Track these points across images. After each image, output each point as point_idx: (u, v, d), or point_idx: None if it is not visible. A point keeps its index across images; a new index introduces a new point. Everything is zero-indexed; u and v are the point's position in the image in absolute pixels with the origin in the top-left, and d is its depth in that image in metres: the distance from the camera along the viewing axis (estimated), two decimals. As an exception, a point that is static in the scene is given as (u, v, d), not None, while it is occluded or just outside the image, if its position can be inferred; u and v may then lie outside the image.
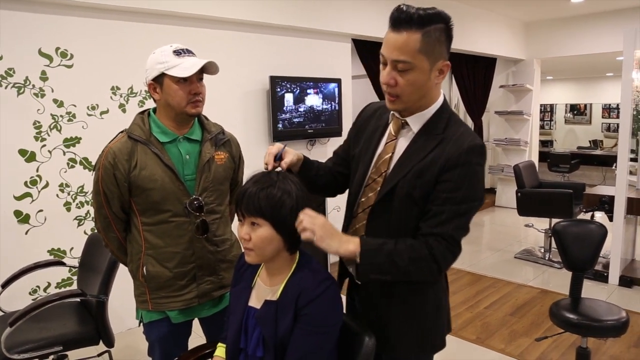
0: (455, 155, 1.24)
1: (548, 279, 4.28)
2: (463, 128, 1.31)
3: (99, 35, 3.07)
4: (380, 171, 1.37)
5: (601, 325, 2.22)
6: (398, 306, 1.38)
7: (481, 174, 1.27)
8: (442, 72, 1.27)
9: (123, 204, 1.65)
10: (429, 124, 1.32)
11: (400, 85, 1.24)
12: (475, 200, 1.26)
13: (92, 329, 2.25)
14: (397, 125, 1.37)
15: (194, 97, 1.60)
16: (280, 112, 4.11)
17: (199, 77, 1.62)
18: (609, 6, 5.82)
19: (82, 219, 3.11)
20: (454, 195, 1.23)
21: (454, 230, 1.24)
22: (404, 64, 1.21)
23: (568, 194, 4.30)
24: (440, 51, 1.24)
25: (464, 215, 1.25)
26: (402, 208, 1.30)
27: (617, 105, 12.09)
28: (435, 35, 1.21)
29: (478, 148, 1.26)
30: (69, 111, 2.99)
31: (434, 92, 1.32)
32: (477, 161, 1.25)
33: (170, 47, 1.60)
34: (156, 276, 1.66)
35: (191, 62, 1.57)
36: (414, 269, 1.24)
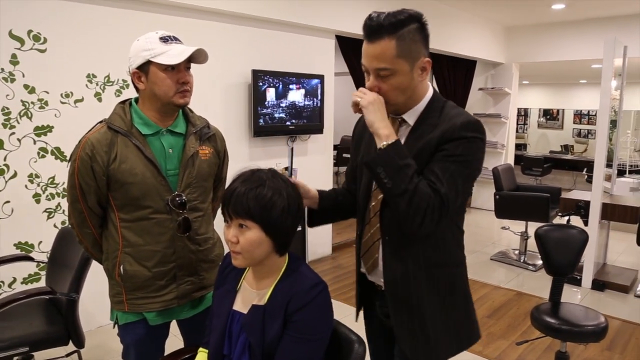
0: (449, 131, 1.25)
1: (523, 282, 4.33)
2: (457, 110, 1.33)
3: (75, 20, 2.92)
4: None
5: (581, 331, 2.23)
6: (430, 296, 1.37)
7: (478, 145, 1.27)
8: (424, 70, 1.29)
9: (100, 198, 1.55)
10: (424, 115, 1.34)
11: (385, 91, 1.28)
12: (470, 166, 1.26)
13: (61, 328, 2.14)
14: (395, 124, 1.37)
15: (182, 87, 1.52)
16: (262, 107, 4.02)
17: (187, 66, 1.54)
18: (588, 14, 5.93)
19: (53, 212, 2.97)
20: (448, 157, 1.24)
21: (448, 188, 1.21)
22: (385, 70, 1.25)
23: (545, 198, 4.35)
24: (418, 50, 1.26)
25: (455, 175, 1.23)
26: None
27: (588, 112, 12.41)
28: (409, 37, 1.23)
29: (472, 124, 1.26)
30: (41, 98, 2.84)
31: (420, 90, 1.34)
32: (472, 135, 1.25)
33: (155, 34, 1.51)
34: (134, 276, 1.57)
35: (179, 50, 1.49)
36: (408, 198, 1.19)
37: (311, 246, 4.72)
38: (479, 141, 1.27)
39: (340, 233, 5.46)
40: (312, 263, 4.72)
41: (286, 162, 4.39)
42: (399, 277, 1.37)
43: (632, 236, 4.47)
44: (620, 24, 5.85)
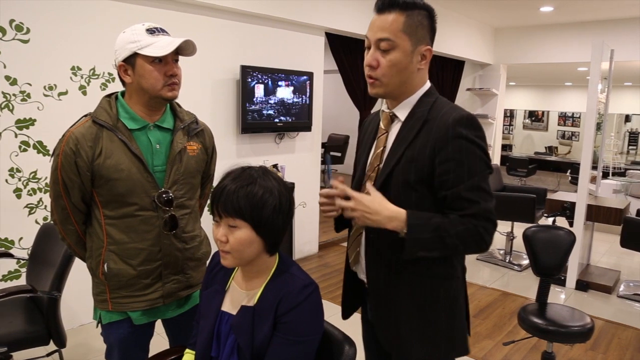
0: (442, 132, 1.21)
1: (508, 282, 4.36)
2: (448, 106, 1.28)
3: (60, 10, 2.85)
4: (374, 166, 1.35)
5: (568, 331, 2.24)
6: (408, 300, 1.33)
7: (479, 143, 1.22)
8: (424, 58, 1.28)
9: (84, 194, 1.51)
10: (414, 109, 1.31)
11: (382, 67, 1.25)
12: (484, 170, 1.22)
13: (42, 328, 2.09)
14: (387, 119, 1.36)
15: (170, 79, 1.48)
16: (250, 103, 3.98)
17: (175, 58, 1.50)
18: (576, 18, 5.98)
19: (34, 207, 2.89)
20: (460, 172, 1.20)
21: (484, 204, 1.20)
22: (386, 42, 1.23)
23: (531, 199, 4.39)
24: (423, 35, 1.26)
25: (481, 186, 1.21)
26: (399, 196, 1.26)
27: (572, 114, 12.58)
28: (418, 19, 1.24)
29: (465, 119, 1.22)
30: (23, 90, 2.77)
31: (417, 79, 1.31)
32: (467, 132, 1.21)
33: (142, 26, 1.47)
34: (118, 274, 1.53)
35: (167, 41, 1.45)
36: (461, 243, 1.20)
37: (298, 245, 4.70)
38: (477, 139, 1.22)
39: (327, 232, 5.44)
40: (299, 261, 4.69)
41: (274, 159, 4.35)
42: (381, 278, 1.36)
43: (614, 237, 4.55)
44: (607, 28, 5.92)
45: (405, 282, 1.32)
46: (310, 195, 4.82)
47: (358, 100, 5.64)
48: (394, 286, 1.34)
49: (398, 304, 1.35)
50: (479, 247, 1.21)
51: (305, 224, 4.79)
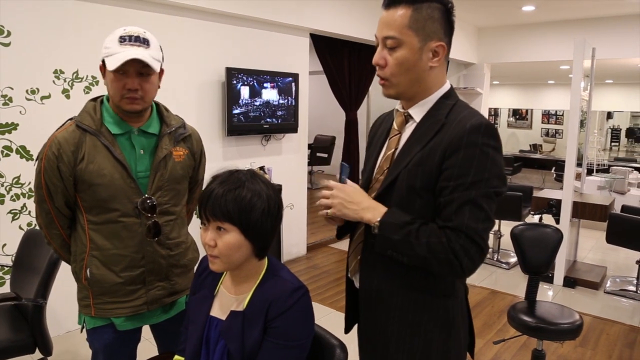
0: (457, 138, 1.11)
1: (497, 280, 4.39)
2: (467, 111, 1.18)
3: (41, 13, 2.80)
4: (383, 169, 1.26)
5: (557, 329, 2.26)
6: (398, 316, 1.24)
7: (494, 156, 1.10)
8: (436, 54, 1.18)
9: (67, 199, 1.50)
10: (431, 111, 1.21)
11: (389, 66, 1.18)
12: (489, 186, 1.09)
13: (27, 336, 2.05)
14: (401, 119, 1.27)
15: (127, 93, 1.43)
16: (236, 105, 3.96)
17: (143, 71, 1.43)
18: (558, 16, 6.05)
19: (18, 213, 2.84)
20: (462, 181, 1.09)
21: (472, 221, 1.08)
22: (392, 40, 1.16)
23: (518, 197, 4.43)
24: (434, 29, 1.16)
25: (478, 203, 1.08)
26: (402, 201, 1.18)
27: (555, 112, 12.74)
28: (427, 12, 1.15)
29: (484, 127, 1.11)
30: (5, 94, 2.71)
31: (432, 78, 1.21)
32: (483, 142, 1.10)
33: (120, 31, 1.43)
34: (101, 280, 1.51)
35: (126, 55, 1.39)
36: (430, 256, 1.10)
37: (286, 247, 4.68)
38: (492, 150, 1.10)
39: (315, 233, 5.43)
40: (287, 263, 4.68)
41: (260, 161, 4.33)
42: (374, 288, 1.28)
43: (600, 233, 4.61)
44: (588, 26, 6.00)
45: (399, 295, 1.23)
46: (298, 197, 4.81)
47: (344, 101, 5.65)
48: (387, 297, 1.25)
49: (389, 320, 1.25)
50: (451, 266, 1.09)
51: (293, 225, 4.78)
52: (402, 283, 1.23)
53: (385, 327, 1.27)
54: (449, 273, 1.14)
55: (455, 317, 1.26)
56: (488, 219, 1.11)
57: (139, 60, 1.39)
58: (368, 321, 1.33)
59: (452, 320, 1.25)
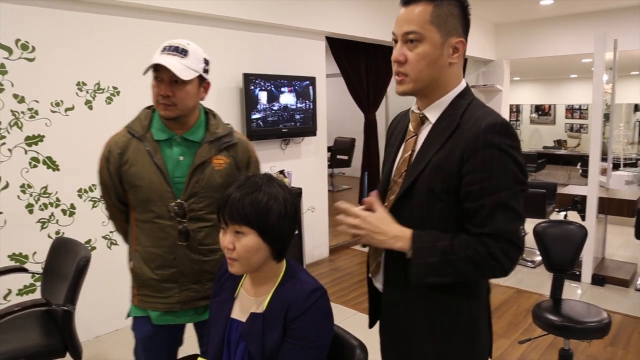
0: (472, 139, 1.10)
1: (522, 279, 4.32)
2: (482, 110, 1.16)
3: (63, 27, 2.89)
4: (401, 171, 1.25)
5: (584, 327, 2.22)
6: (422, 317, 1.24)
7: (513, 154, 1.10)
8: (456, 50, 1.17)
9: (119, 196, 1.63)
10: (446, 112, 1.20)
11: (410, 61, 1.16)
12: (515, 185, 1.10)
13: (58, 340, 2.11)
14: (416, 120, 1.26)
15: (161, 99, 1.51)
16: (254, 110, 4.00)
17: (174, 79, 1.48)
18: (577, 9, 5.94)
19: (46, 222, 2.93)
20: (487, 185, 1.09)
21: (506, 224, 1.08)
22: (413, 34, 1.15)
23: (541, 194, 4.35)
24: (454, 25, 1.16)
25: (508, 204, 1.09)
26: (422, 205, 1.18)
27: (579, 106, 12.48)
28: (448, 8, 1.15)
29: (499, 126, 1.10)
30: (31, 107, 2.81)
31: (450, 76, 1.20)
32: (500, 141, 1.09)
33: (167, 42, 1.52)
34: (140, 273, 1.63)
35: (154, 60, 1.47)
36: (473, 268, 1.10)
37: (308, 249, 4.70)
38: (510, 149, 1.10)
39: (337, 235, 5.44)
40: (310, 266, 4.69)
41: (280, 165, 4.36)
42: (397, 291, 1.27)
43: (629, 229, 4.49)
44: (609, 17, 5.87)
45: (422, 297, 1.23)
46: (319, 200, 4.83)
47: (362, 102, 5.65)
48: (410, 300, 1.25)
49: (412, 322, 1.25)
50: (493, 271, 1.11)
51: (315, 228, 4.79)
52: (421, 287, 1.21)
53: (408, 328, 1.27)
54: (491, 277, 1.16)
55: (479, 319, 1.26)
56: (519, 217, 1.12)
57: (167, 68, 1.45)
58: (391, 322, 1.33)
59: (475, 322, 1.25)
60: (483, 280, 1.27)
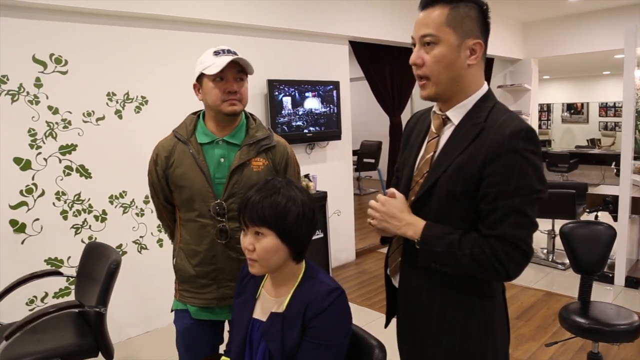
0: (497, 144, 1.11)
1: (552, 281, 4.23)
2: (507, 115, 1.17)
3: (93, 41, 3.01)
4: (422, 172, 1.27)
5: (613, 330, 2.16)
6: (437, 315, 1.26)
7: (534, 161, 1.11)
8: (474, 52, 1.19)
9: (166, 196, 1.73)
10: (469, 114, 1.21)
11: (427, 64, 1.19)
12: (532, 193, 1.11)
13: (91, 340, 2.19)
14: (438, 121, 1.27)
15: (228, 96, 1.60)
16: (279, 115, 4.06)
17: (238, 76, 1.63)
18: (605, 4, 5.80)
19: (80, 227, 3.04)
20: (505, 188, 1.10)
21: (516, 229, 1.10)
22: (429, 37, 1.17)
23: (570, 195, 4.26)
24: (471, 27, 1.18)
25: (521, 210, 1.10)
26: (441, 206, 1.20)
27: (614, 104, 12.11)
28: (464, 11, 1.17)
29: (524, 132, 1.11)
30: (64, 118, 2.93)
31: (470, 78, 1.21)
32: (524, 147, 1.10)
33: (212, 49, 1.63)
34: (182, 269, 1.71)
35: (223, 60, 1.57)
36: (475, 266, 1.13)
37: (334, 252, 4.71)
38: (532, 155, 1.11)
39: (364, 239, 5.45)
40: (336, 269, 4.71)
41: (305, 169, 4.40)
42: (413, 287, 1.30)
43: (665, 230, 4.34)
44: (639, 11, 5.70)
45: (438, 294, 1.25)
46: (344, 203, 4.84)
47: (387, 106, 5.65)
48: (426, 297, 1.27)
49: (427, 319, 1.27)
50: (497, 273, 1.12)
51: (341, 231, 4.81)
52: (441, 283, 1.24)
53: (424, 325, 1.29)
54: (494, 279, 1.17)
55: (493, 319, 1.26)
56: (532, 224, 1.13)
57: (236, 63, 1.59)
58: (406, 319, 1.35)
59: (489, 321, 1.25)
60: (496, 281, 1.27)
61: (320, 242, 4.17)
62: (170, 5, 3.20)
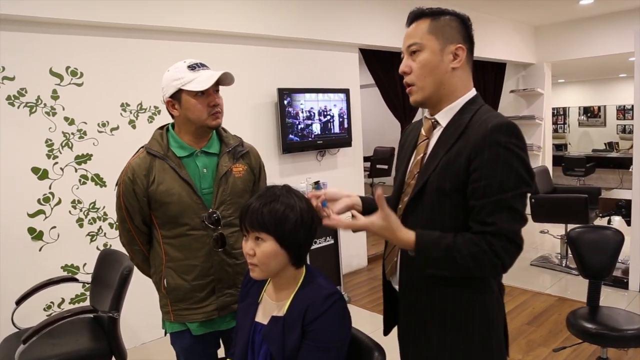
0: (480, 139, 1.16)
1: (566, 286, 4.19)
2: (490, 113, 1.23)
3: (107, 53, 3.11)
4: (414, 173, 1.33)
5: (621, 335, 2.15)
6: (439, 314, 1.29)
7: (519, 154, 1.15)
8: (457, 56, 1.26)
9: (144, 217, 1.68)
10: (456, 116, 1.27)
11: (414, 70, 1.27)
12: (519, 186, 1.14)
13: (105, 345, 2.26)
14: (428, 125, 1.34)
15: (213, 109, 1.63)
16: (289, 123, 4.11)
17: (216, 89, 1.65)
18: (618, 7, 5.76)
19: (95, 235, 3.13)
20: (491, 182, 1.14)
21: (509, 224, 1.14)
22: (415, 45, 1.27)
23: (583, 199, 4.22)
24: (452, 34, 1.26)
25: (511, 205, 1.14)
26: (433, 203, 1.24)
27: (632, 107, 11.92)
28: (445, 21, 1.27)
29: (505, 126, 1.15)
30: (80, 128, 3.03)
31: (456, 81, 1.28)
32: (506, 140, 1.14)
33: (184, 63, 1.63)
34: (176, 288, 1.68)
35: (207, 75, 1.60)
36: (474, 265, 1.16)
37: (346, 258, 4.74)
38: (516, 149, 1.15)
39: (376, 244, 5.46)
40: (348, 275, 4.73)
41: (316, 176, 4.45)
42: (413, 287, 1.33)
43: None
44: (654, 14, 5.65)
45: (438, 295, 1.28)
46: (355, 209, 4.85)
47: (398, 112, 5.66)
48: (426, 296, 1.30)
49: (430, 318, 1.30)
50: (494, 268, 1.16)
51: (353, 238, 4.83)
52: (439, 281, 1.27)
53: (426, 325, 1.31)
54: (490, 273, 1.20)
55: (494, 313, 1.30)
56: (522, 218, 1.17)
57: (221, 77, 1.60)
58: (409, 320, 1.37)
59: (491, 316, 1.29)
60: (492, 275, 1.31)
61: (331, 249, 4.20)
62: (182, 17, 3.29)
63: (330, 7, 4.26)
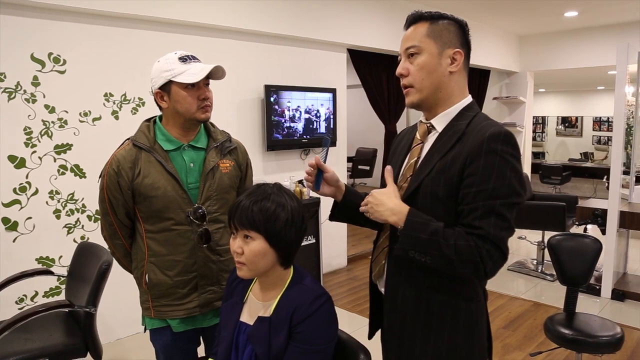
0: (477, 146, 1.16)
1: (541, 292, 4.27)
2: (487, 121, 1.24)
3: (92, 42, 3.04)
4: (406, 176, 1.32)
5: (596, 341, 2.20)
6: (423, 319, 1.29)
7: (513, 164, 1.15)
8: (454, 60, 1.26)
9: (128, 210, 1.64)
10: (452, 122, 1.28)
11: (411, 73, 1.27)
12: (510, 195, 1.15)
13: (80, 340, 2.20)
14: (423, 129, 1.34)
15: (203, 103, 1.60)
16: (275, 120, 4.09)
17: (206, 83, 1.62)
18: (601, 21, 5.89)
19: (72, 227, 3.05)
20: (484, 188, 1.14)
21: (497, 230, 1.13)
22: (413, 48, 1.27)
23: (561, 207, 4.31)
24: (450, 38, 1.26)
25: (501, 212, 1.14)
26: (425, 208, 1.23)
27: (607, 118, 12.23)
28: (443, 25, 1.27)
29: (502, 135, 1.16)
30: (61, 117, 2.95)
31: (453, 86, 1.28)
32: (503, 149, 1.15)
33: (175, 55, 1.60)
34: (158, 284, 1.65)
35: (199, 68, 1.57)
36: (457, 258, 1.14)
37: (326, 258, 4.73)
38: (512, 159, 1.16)
39: (356, 245, 5.47)
40: (327, 275, 4.73)
41: (300, 175, 4.43)
42: (399, 291, 1.32)
43: (653, 245, 4.40)
44: (633, 29, 5.80)
45: (424, 298, 1.28)
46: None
47: (383, 114, 5.68)
48: (412, 301, 1.29)
49: (414, 321, 1.30)
50: (476, 270, 1.14)
51: (334, 237, 4.84)
52: (427, 287, 1.27)
53: (411, 329, 1.31)
54: (471, 275, 1.18)
55: (479, 320, 1.30)
56: (510, 227, 1.17)
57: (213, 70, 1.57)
58: (393, 324, 1.37)
59: (475, 323, 1.29)
60: (480, 283, 1.32)
61: (312, 248, 4.19)
62: (170, 8, 3.24)
63: (320, 7, 4.24)
